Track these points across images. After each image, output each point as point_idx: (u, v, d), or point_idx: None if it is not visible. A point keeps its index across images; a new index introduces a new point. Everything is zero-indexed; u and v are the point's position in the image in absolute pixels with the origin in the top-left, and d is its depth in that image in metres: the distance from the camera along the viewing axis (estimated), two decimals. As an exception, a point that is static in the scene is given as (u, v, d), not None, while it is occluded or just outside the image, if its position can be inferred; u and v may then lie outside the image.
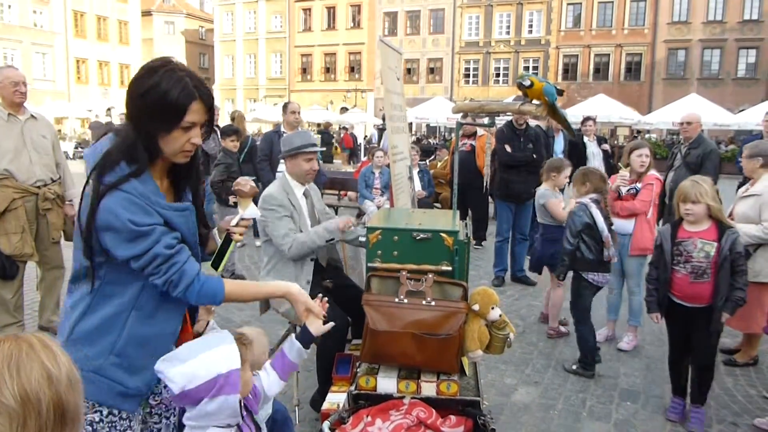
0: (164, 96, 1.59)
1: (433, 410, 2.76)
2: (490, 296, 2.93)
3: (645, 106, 30.94)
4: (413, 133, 30.70)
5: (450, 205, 8.89)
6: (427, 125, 34.09)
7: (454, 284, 2.96)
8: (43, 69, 37.29)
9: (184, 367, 1.66)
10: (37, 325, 4.80)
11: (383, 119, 21.33)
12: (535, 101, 3.50)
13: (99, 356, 1.68)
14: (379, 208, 7.31)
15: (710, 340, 3.47)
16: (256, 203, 2.37)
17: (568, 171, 5.11)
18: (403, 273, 2.94)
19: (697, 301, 3.40)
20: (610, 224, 4.29)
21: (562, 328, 5.03)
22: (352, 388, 2.97)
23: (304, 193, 3.51)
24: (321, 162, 11.58)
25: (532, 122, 6.74)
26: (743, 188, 4.63)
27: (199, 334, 2.14)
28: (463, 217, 3.91)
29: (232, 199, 5.97)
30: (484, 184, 4.44)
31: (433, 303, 2.87)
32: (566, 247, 4.21)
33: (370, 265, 3.03)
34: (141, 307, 1.71)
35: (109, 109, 39.84)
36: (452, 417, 2.78)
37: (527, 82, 3.55)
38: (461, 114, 6.60)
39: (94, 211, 1.58)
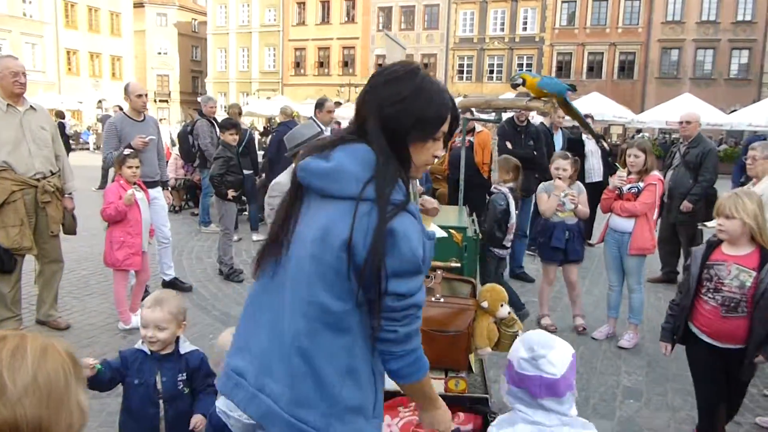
0: (429, 102, 1.43)
1: (442, 407, 2.75)
2: (499, 293, 2.91)
3: (638, 105, 31.05)
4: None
5: (447, 201, 8.89)
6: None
7: (463, 281, 2.95)
8: (32, 59, 36.83)
9: (557, 352, 1.61)
10: (35, 319, 4.74)
11: (378, 115, 21.35)
12: (543, 98, 3.50)
13: (370, 422, 1.46)
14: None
15: (744, 390, 2.94)
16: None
17: (559, 162, 4.97)
18: (412, 269, 2.93)
19: (730, 340, 2.78)
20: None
21: (580, 320, 5.10)
22: (360, 384, 2.97)
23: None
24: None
25: (535, 119, 6.74)
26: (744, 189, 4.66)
27: None
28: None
29: (231, 193, 5.92)
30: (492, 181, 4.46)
31: (442, 300, 2.85)
32: (490, 227, 4.84)
33: (378, 261, 3.01)
34: (375, 352, 1.46)
35: (100, 101, 39.55)
36: (461, 414, 2.78)
37: (519, 81, 3.55)
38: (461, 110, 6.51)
39: (383, 233, 1.32)
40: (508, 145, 6.30)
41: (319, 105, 6.19)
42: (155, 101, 46.40)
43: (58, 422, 0.90)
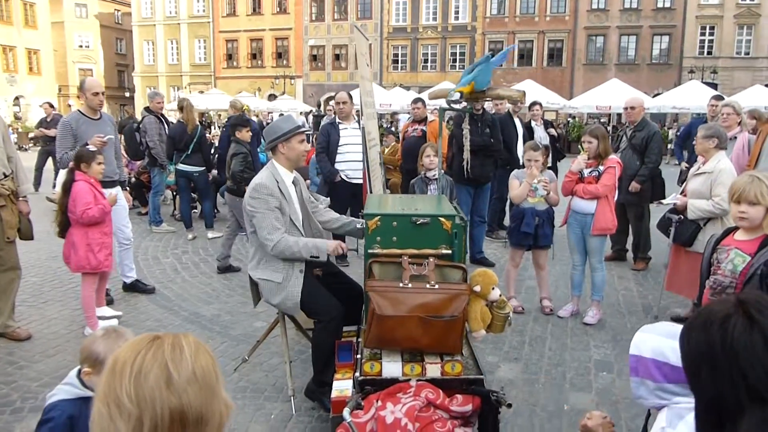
0: None
1: (441, 391, 2.82)
2: (490, 277, 3.01)
3: (567, 91, 32.19)
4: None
5: (401, 190, 8.99)
6: (358, 111, 34.01)
7: (454, 267, 3.02)
8: (-64, 54, 34.25)
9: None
10: (-9, 330, 4.49)
11: (318, 106, 21.13)
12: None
13: None
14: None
15: None
16: None
17: (530, 154, 5.13)
18: (405, 258, 2.97)
19: None
20: None
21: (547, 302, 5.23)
22: (357, 374, 2.99)
23: (293, 181, 3.46)
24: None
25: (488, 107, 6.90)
26: (695, 167, 4.98)
27: None
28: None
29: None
30: (465, 170, 4.53)
31: (436, 286, 2.92)
32: None
33: (370, 251, 3.04)
34: None
35: (17, 98, 37.28)
36: (459, 396, 2.85)
37: (456, 96, 3.68)
38: (413, 99, 6.63)
39: None
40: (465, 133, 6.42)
41: (329, 99, 6.40)
42: (78, 96, 44.20)
43: (213, 413, 0.98)
